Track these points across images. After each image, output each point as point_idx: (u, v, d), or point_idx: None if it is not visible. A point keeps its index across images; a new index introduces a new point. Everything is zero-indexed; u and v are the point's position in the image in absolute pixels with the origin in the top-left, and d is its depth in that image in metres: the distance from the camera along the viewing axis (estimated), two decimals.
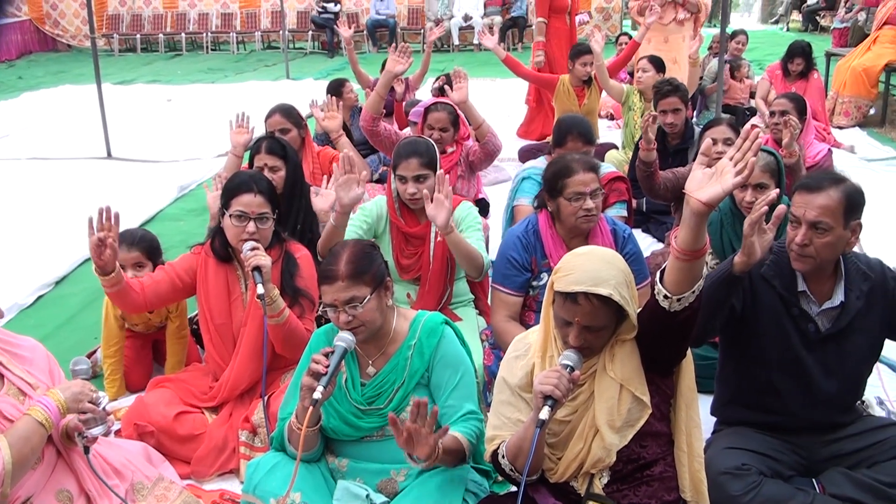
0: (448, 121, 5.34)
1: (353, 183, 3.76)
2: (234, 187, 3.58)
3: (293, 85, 14.47)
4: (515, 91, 12.01)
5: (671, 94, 5.96)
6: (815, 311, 3.03)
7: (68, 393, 2.75)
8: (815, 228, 2.88)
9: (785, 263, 3.04)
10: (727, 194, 2.31)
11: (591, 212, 3.65)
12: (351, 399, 2.94)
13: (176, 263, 3.76)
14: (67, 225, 6.48)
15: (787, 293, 3.03)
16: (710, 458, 2.93)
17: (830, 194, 2.89)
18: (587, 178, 3.64)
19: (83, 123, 10.57)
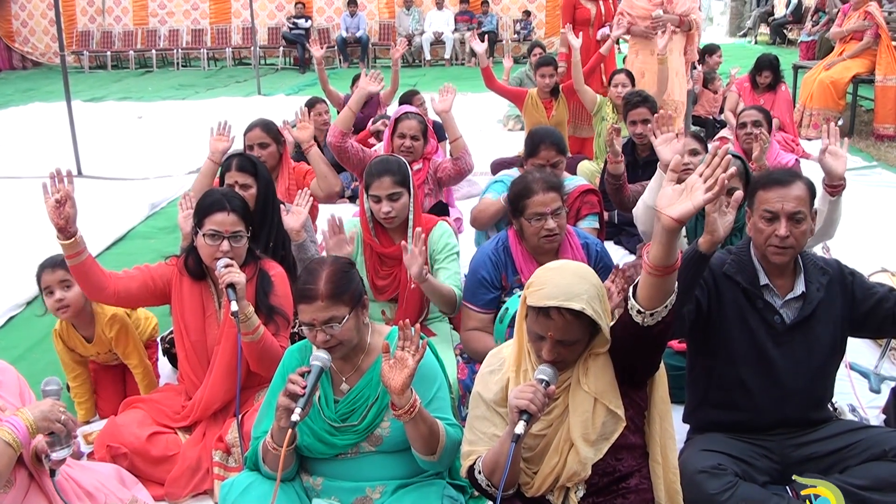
0: (419, 129, 5.33)
1: (343, 244, 3.80)
2: (207, 206, 3.54)
3: (265, 101, 14.45)
4: (487, 106, 12.08)
5: (640, 104, 6.00)
6: (779, 303, 3.12)
7: (37, 412, 2.71)
8: (793, 219, 3.01)
9: (746, 261, 3.16)
10: (698, 210, 2.33)
11: (553, 231, 3.66)
12: (325, 416, 2.92)
13: (152, 267, 3.73)
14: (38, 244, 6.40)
15: (751, 287, 3.12)
16: (685, 459, 2.99)
17: (800, 186, 3.06)
18: (547, 199, 3.65)
19: (53, 141, 10.48)
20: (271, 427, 2.83)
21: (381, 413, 2.90)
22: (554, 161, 4.69)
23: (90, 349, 4.07)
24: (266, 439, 2.86)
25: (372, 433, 2.91)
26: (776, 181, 3.06)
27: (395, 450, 2.93)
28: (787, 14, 20.13)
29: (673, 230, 2.33)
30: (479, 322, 3.79)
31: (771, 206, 3.03)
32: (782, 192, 3.03)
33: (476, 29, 18.41)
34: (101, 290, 3.55)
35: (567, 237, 3.85)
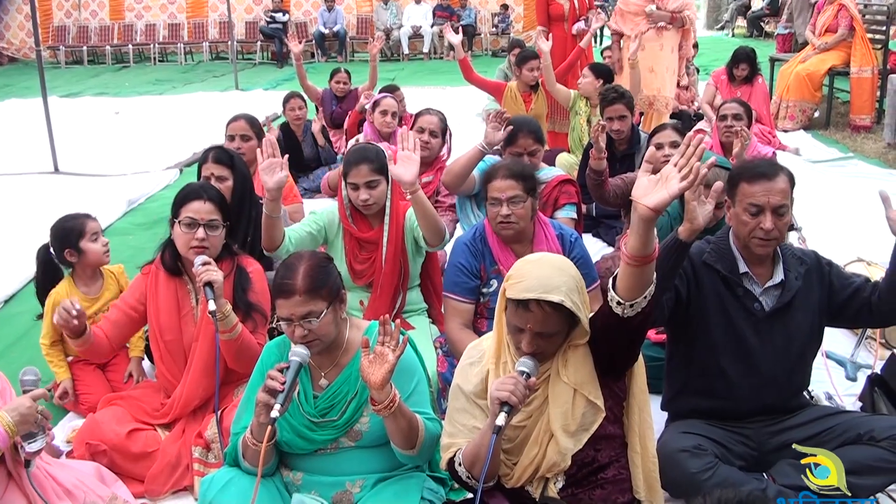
0: (438, 126, 5.31)
1: (276, 167, 3.69)
2: (183, 196, 3.56)
3: (242, 96, 14.37)
4: (465, 99, 12.08)
5: (617, 101, 6.03)
6: (758, 290, 3.16)
7: (14, 414, 2.70)
8: (777, 213, 3.03)
9: (725, 250, 3.19)
10: (673, 199, 2.34)
11: (509, 219, 3.69)
12: (304, 412, 2.92)
13: (127, 295, 3.72)
14: (15, 242, 6.36)
15: (731, 274, 3.15)
16: (665, 440, 3.05)
17: (783, 178, 3.07)
18: (504, 185, 3.69)
19: (29, 137, 10.36)
20: (251, 423, 2.82)
21: (360, 408, 2.90)
22: (531, 150, 4.72)
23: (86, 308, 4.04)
24: (246, 435, 2.85)
25: (351, 428, 2.91)
26: (761, 174, 3.06)
27: (375, 444, 2.93)
28: (765, 7, 20.21)
29: (649, 219, 2.34)
30: (462, 316, 3.80)
31: (756, 200, 3.04)
32: (768, 185, 3.03)
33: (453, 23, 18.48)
34: (103, 353, 3.69)
35: (542, 227, 3.88)
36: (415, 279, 4.22)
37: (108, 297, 4.20)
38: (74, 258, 4.08)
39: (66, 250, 4.06)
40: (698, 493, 2.07)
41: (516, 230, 3.74)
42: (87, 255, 4.11)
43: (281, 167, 3.70)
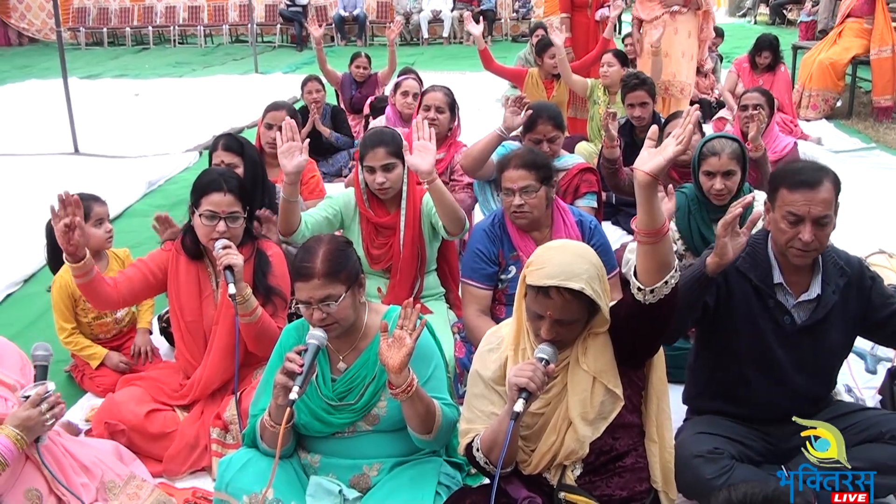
0: (444, 102, 5.20)
1: (295, 150, 3.70)
2: (203, 186, 3.54)
3: (262, 79, 14.39)
4: (485, 85, 12.04)
5: (638, 87, 5.99)
6: (791, 302, 3.03)
7: (17, 422, 2.71)
8: (819, 224, 2.86)
9: (761, 255, 3.05)
10: (669, 164, 2.40)
11: (521, 209, 3.69)
12: (322, 395, 2.93)
13: (148, 259, 3.72)
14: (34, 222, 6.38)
15: (763, 285, 3.03)
16: (681, 442, 2.97)
17: (827, 187, 2.87)
18: (516, 175, 3.69)
19: (50, 118, 10.42)
20: (269, 405, 2.83)
21: (378, 392, 2.91)
22: (550, 136, 4.69)
23: None
24: (264, 417, 2.86)
25: (369, 412, 2.92)
26: (803, 182, 2.87)
27: (392, 429, 2.94)
28: None
29: (649, 185, 2.40)
30: (480, 303, 3.80)
31: (796, 209, 2.86)
32: (809, 194, 2.84)
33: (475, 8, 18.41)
34: (108, 301, 3.58)
35: (561, 214, 3.88)
36: (432, 263, 4.23)
37: None
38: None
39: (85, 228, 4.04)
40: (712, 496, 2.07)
41: (529, 219, 3.74)
42: (88, 240, 4.03)
43: (301, 151, 3.70)
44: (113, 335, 4.24)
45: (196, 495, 3.33)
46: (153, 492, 3.20)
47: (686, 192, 4.21)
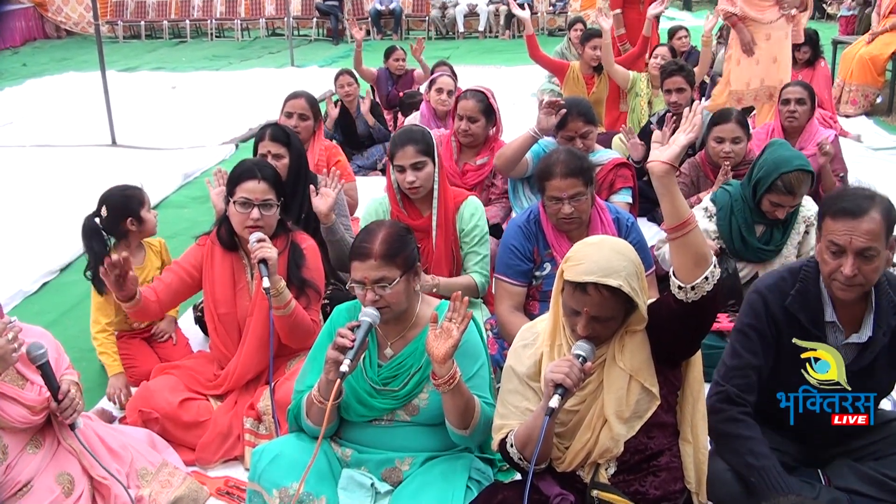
0: (476, 109, 4.99)
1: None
2: (238, 175, 3.57)
3: (298, 72, 14.41)
4: (520, 79, 11.99)
5: (676, 73, 5.97)
6: (840, 341, 2.86)
7: None
8: (864, 256, 2.66)
9: (812, 292, 2.85)
10: (684, 150, 2.49)
11: (571, 216, 3.66)
12: (367, 377, 2.94)
13: (183, 260, 3.76)
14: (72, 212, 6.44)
15: (814, 327, 2.85)
16: (715, 455, 2.90)
17: (873, 217, 2.65)
18: (563, 185, 3.63)
19: (87, 110, 10.55)
20: (318, 381, 2.85)
21: (421, 383, 2.91)
22: (583, 132, 4.65)
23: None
24: (312, 393, 2.88)
25: (410, 402, 2.92)
26: (845, 210, 2.68)
27: (430, 423, 2.94)
28: None
29: (667, 173, 2.45)
30: (513, 299, 3.78)
31: (837, 239, 2.67)
32: (852, 224, 2.65)
33: None
34: (152, 314, 3.70)
35: (598, 212, 3.83)
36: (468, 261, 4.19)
37: (152, 269, 4.25)
38: (135, 227, 4.11)
39: (128, 219, 4.09)
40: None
41: (578, 225, 3.72)
42: (146, 225, 4.16)
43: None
44: (146, 325, 4.27)
45: (228, 484, 3.35)
46: (185, 480, 3.22)
47: (730, 191, 4.16)
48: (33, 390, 2.88)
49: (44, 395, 2.88)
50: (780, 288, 2.88)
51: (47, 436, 2.97)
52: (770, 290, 2.89)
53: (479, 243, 4.04)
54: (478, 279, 4.01)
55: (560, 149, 4.00)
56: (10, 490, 2.76)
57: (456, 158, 5.09)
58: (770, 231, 4.13)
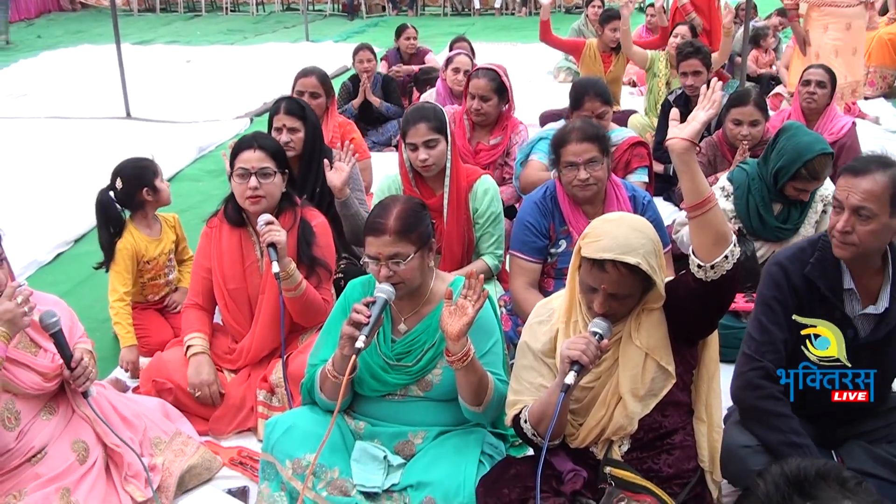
0: (488, 88, 4.94)
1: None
2: (237, 147, 3.58)
3: (313, 47, 14.37)
4: (537, 57, 11.92)
5: (692, 55, 5.91)
6: (857, 311, 2.84)
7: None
8: (858, 215, 2.66)
9: (830, 259, 2.83)
10: (704, 126, 2.48)
11: (587, 182, 3.64)
12: (381, 352, 2.94)
13: (198, 258, 3.76)
14: (86, 184, 6.45)
15: (832, 294, 2.83)
16: (730, 431, 2.90)
17: (876, 178, 2.64)
18: (580, 149, 3.62)
19: (102, 83, 10.55)
20: (333, 355, 2.85)
21: (435, 359, 2.91)
22: (599, 112, 4.62)
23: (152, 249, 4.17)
24: (326, 367, 2.88)
25: (423, 377, 2.92)
26: (850, 168, 2.73)
27: (442, 399, 2.94)
28: None
29: (688, 150, 2.44)
30: (528, 276, 3.77)
31: (838, 195, 2.73)
32: (852, 181, 2.67)
33: None
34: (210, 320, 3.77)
35: (614, 189, 3.81)
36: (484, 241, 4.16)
37: (168, 242, 4.27)
38: (151, 197, 4.12)
39: (143, 189, 4.10)
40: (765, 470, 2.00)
41: (594, 192, 3.69)
42: (161, 194, 4.18)
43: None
44: (161, 296, 4.29)
45: (241, 455, 3.36)
46: (199, 449, 3.24)
47: (747, 170, 4.13)
48: (46, 357, 2.90)
49: (56, 362, 2.89)
50: (800, 258, 2.88)
51: (61, 403, 2.99)
52: (790, 261, 2.88)
53: (492, 223, 4.02)
54: (490, 262, 3.99)
55: (575, 119, 3.99)
56: (24, 455, 2.78)
57: (469, 137, 5.05)
58: (788, 210, 4.10)
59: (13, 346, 2.77)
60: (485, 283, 3.97)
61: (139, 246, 4.09)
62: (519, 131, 5.08)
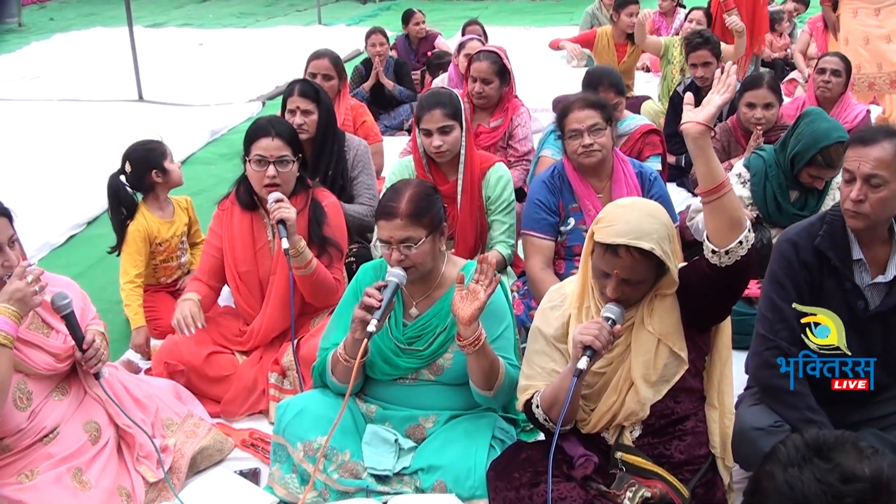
0: (490, 71, 4.90)
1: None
2: (252, 132, 3.55)
3: (325, 31, 14.33)
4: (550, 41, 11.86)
5: (701, 46, 5.86)
6: (866, 282, 2.84)
7: (6, 297, 2.63)
8: (870, 183, 2.69)
9: (838, 232, 2.86)
10: (719, 110, 2.48)
11: (591, 147, 3.66)
12: (392, 336, 2.95)
13: (210, 239, 3.76)
14: (99, 166, 6.46)
15: (842, 265, 2.84)
16: (741, 414, 2.89)
17: (885, 146, 2.69)
18: (583, 115, 3.67)
19: (114, 66, 10.53)
20: (344, 339, 2.86)
21: (446, 343, 2.91)
22: (613, 103, 4.59)
23: (165, 231, 4.18)
24: (338, 351, 2.89)
25: (434, 361, 2.93)
26: (859, 139, 2.76)
27: (454, 382, 2.94)
28: None
29: (703, 134, 2.43)
30: (542, 254, 3.77)
31: (849, 165, 2.74)
32: (862, 151, 2.71)
33: None
34: (214, 301, 3.78)
35: (621, 164, 3.84)
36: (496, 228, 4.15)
37: (180, 224, 4.28)
38: (160, 178, 4.12)
39: (152, 171, 4.10)
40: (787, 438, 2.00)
41: (599, 158, 3.70)
42: (171, 175, 4.17)
43: None
44: (174, 279, 4.30)
45: (253, 437, 3.37)
46: (210, 431, 3.25)
47: (764, 157, 4.10)
48: (58, 338, 2.90)
49: (68, 343, 2.90)
50: (810, 232, 2.90)
51: (73, 384, 2.99)
52: (800, 236, 2.89)
53: (504, 211, 4.00)
54: (503, 251, 3.97)
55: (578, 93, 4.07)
56: (36, 435, 2.79)
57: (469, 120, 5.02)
58: (805, 196, 4.07)
59: (25, 326, 2.78)
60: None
61: (151, 228, 4.10)
62: (520, 113, 5.06)
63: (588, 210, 3.74)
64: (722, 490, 2.68)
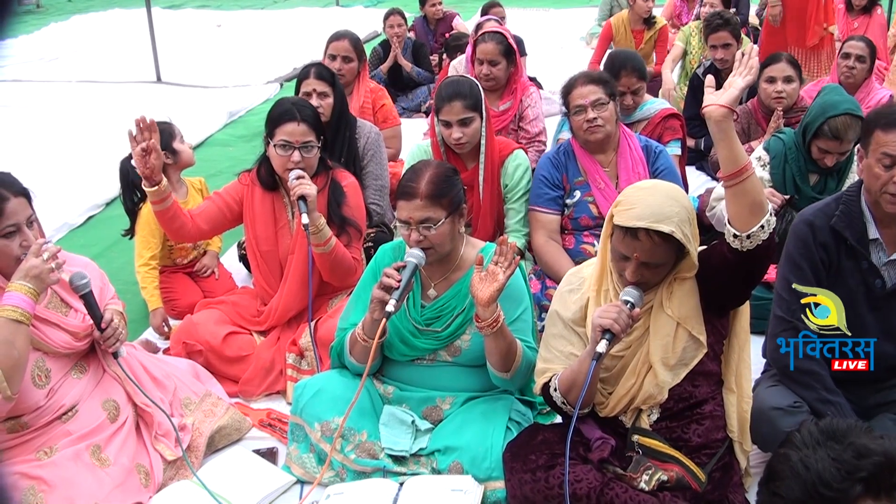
0: (497, 52, 4.81)
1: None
2: (278, 116, 3.53)
3: (343, 12, 14.31)
4: (569, 22, 11.81)
5: (721, 28, 5.81)
6: (883, 260, 2.84)
7: (22, 274, 2.63)
8: None
9: (855, 211, 2.84)
10: (742, 93, 2.44)
11: (595, 122, 3.72)
12: (410, 317, 2.95)
13: (224, 192, 3.75)
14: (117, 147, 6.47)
15: (859, 244, 2.83)
16: (759, 395, 2.89)
17: None
18: (586, 90, 3.74)
19: (133, 47, 10.57)
20: (363, 319, 2.87)
21: (464, 325, 2.91)
22: (634, 88, 4.59)
23: None
24: (356, 331, 2.90)
25: (452, 343, 2.93)
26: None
27: (471, 364, 2.94)
28: None
29: (725, 117, 2.39)
30: (546, 226, 3.84)
31: (890, 150, 2.67)
32: None
33: None
34: (184, 231, 3.61)
35: (626, 139, 3.88)
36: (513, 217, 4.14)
37: (193, 205, 4.21)
38: (170, 160, 4.09)
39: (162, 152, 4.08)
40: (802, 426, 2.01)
41: (604, 133, 3.76)
42: (181, 156, 4.16)
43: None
44: (189, 260, 4.32)
45: (271, 416, 3.39)
46: (228, 410, 3.27)
47: (784, 139, 4.07)
48: (77, 317, 2.92)
49: (87, 322, 2.91)
50: (825, 212, 2.88)
51: (92, 362, 3.01)
52: (816, 217, 2.88)
53: (518, 200, 3.97)
54: (518, 243, 3.92)
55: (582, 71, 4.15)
56: (54, 413, 2.81)
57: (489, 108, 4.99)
58: (824, 180, 4.04)
59: (44, 305, 2.80)
60: None
61: None
62: (529, 94, 4.97)
63: (596, 183, 3.80)
64: (738, 474, 2.68)
